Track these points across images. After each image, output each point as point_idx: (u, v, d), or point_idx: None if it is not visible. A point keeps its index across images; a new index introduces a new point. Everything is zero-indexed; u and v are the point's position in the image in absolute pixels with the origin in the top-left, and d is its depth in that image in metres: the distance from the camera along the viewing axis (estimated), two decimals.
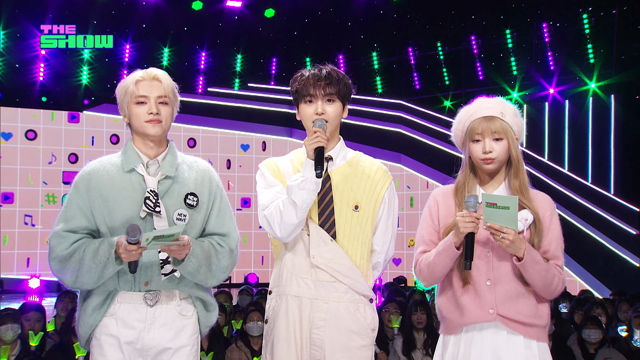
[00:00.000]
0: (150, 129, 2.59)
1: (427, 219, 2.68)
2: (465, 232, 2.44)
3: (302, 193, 2.52)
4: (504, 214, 2.38)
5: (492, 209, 2.39)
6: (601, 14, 13.16)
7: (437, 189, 2.77)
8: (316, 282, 2.62)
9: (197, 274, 2.57)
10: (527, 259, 2.45)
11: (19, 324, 4.86)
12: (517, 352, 2.52)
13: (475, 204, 2.47)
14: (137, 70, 2.70)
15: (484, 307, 2.54)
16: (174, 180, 2.63)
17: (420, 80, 15.98)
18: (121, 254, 2.43)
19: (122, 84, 2.66)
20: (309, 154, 2.54)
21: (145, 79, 2.62)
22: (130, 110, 2.62)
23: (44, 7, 13.72)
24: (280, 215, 2.56)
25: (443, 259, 2.54)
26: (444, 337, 2.68)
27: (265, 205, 2.64)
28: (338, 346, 2.60)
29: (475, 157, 2.60)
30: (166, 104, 2.63)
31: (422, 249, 2.66)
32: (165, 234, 2.38)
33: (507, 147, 2.57)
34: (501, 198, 2.40)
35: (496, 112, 2.58)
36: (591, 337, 5.46)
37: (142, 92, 2.60)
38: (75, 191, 2.60)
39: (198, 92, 15.17)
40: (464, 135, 2.64)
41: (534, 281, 2.50)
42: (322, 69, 2.67)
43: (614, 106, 12.67)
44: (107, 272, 2.49)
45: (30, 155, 13.56)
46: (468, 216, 2.44)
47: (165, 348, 2.59)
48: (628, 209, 12.09)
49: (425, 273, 2.61)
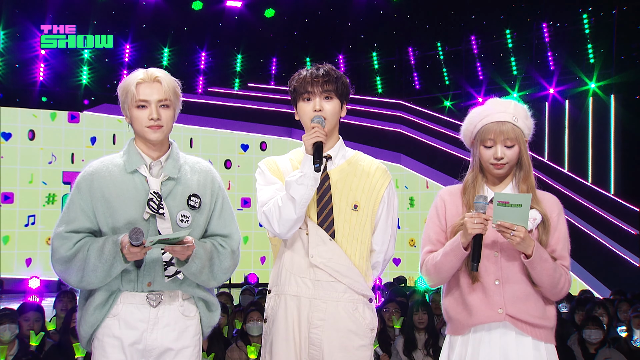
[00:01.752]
0: (151, 134, 2.58)
1: (434, 218, 2.67)
2: (474, 233, 2.43)
3: (300, 188, 2.52)
4: (516, 212, 2.38)
5: (503, 207, 2.39)
6: (601, 14, 13.16)
7: (444, 188, 2.76)
8: (315, 282, 2.62)
9: (200, 274, 2.57)
10: (535, 257, 2.44)
11: (16, 324, 4.87)
12: (525, 354, 2.52)
13: (484, 205, 2.46)
14: (138, 70, 2.67)
15: (493, 307, 2.53)
16: (176, 182, 2.62)
17: (420, 80, 15.99)
18: (125, 254, 2.44)
19: (123, 85, 2.63)
20: (307, 149, 2.55)
21: (146, 81, 2.59)
22: (131, 113, 2.60)
23: (44, 7, 13.72)
24: (279, 211, 2.56)
25: (450, 259, 2.53)
26: (451, 338, 2.66)
27: (264, 202, 2.65)
28: (336, 346, 2.60)
29: (485, 160, 2.58)
30: (167, 106, 2.60)
31: (429, 248, 2.65)
32: (170, 238, 2.39)
33: (518, 153, 2.57)
34: (514, 196, 2.40)
35: (509, 116, 2.56)
36: (592, 337, 5.46)
37: (142, 96, 2.57)
38: (77, 192, 2.59)
39: (198, 92, 15.17)
40: (474, 136, 2.62)
41: (541, 280, 2.49)
42: (319, 67, 2.69)
43: (614, 106, 12.67)
44: (115, 270, 2.49)
45: (30, 155, 13.56)
46: (477, 217, 2.43)
47: (168, 349, 2.58)
48: (628, 209, 12.09)
49: (432, 273, 2.60)
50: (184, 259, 2.52)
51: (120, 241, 2.45)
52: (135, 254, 2.42)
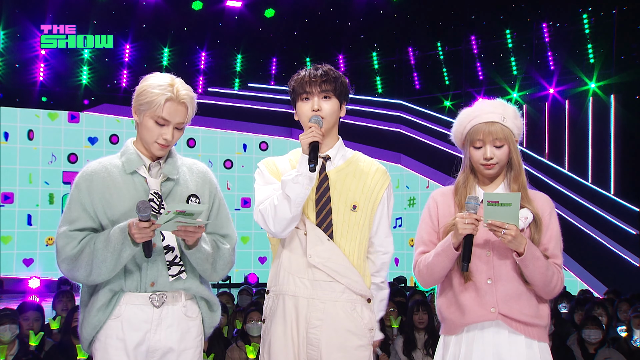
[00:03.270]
0: (157, 151, 2.58)
1: (427, 219, 2.69)
2: (465, 234, 2.44)
3: (296, 187, 2.52)
4: (506, 210, 2.39)
5: (493, 206, 2.40)
6: (601, 14, 13.16)
7: (436, 190, 2.78)
8: (313, 282, 2.62)
9: (205, 262, 2.56)
10: (527, 255, 2.45)
11: (17, 324, 4.87)
12: (518, 352, 2.52)
13: (475, 205, 2.47)
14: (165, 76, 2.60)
15: (486, 306, 2.54)
16: (175, 183, 2.62)
17: (420, 80, 15.98)
18: (134, 234, 2.39)
19: (148, 91, 2.54)
20: (303, 148, 2.55)
21: (174, 101, 2.55)
22: (146, 121, 2.55)
23: (44, 7, 13.72)
24: (275, 210, 2.57)
25: (442, 260, 2.54)
26: (445, 338, 2.67)
27: (261, 201, 2.65)
28: (335, 346, 2.60)
29: (475, 161, 2.60)
30: (181, 129, 2.61)
31: (422, 249, 2.66)
32: (187, 210, 2.33)
33: (507, 152, 2.59)
34: (503, 196, 2.41)
35: (497, 117, 2.58)
36: (591, 337, 5.46)
37: (166, 115, 2.53)
38: (77, 191, 2.57)
39: (198, 92, 15.16)
40: (464, 137, 2.64)
41: (533, 278, 2.50)
42: (318, 67, 2.70)
43: (614, 106, 12.66)
44: (124, 256, 2.44)
45: (30, 155, 13.56)
46: (468, 217, 2.44)
47: (170, 350, 2.57)
48: (628, 209, 12.09)
49: (424, 274, 2.62)
50: (193, 242, 2.51)
51: (128, 224, 2.42)
52: (144, 230, 2.37)
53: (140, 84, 2.61)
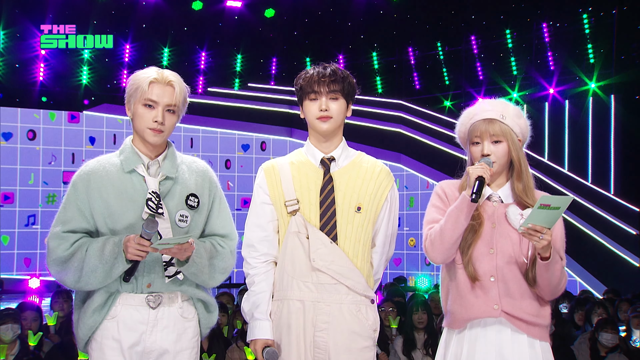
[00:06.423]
0: (151, 137, 2.56)
1: (437, 202, 2.67)
2: (476, 175, 2.44)
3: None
4: (550, 214, 2.33)
5: (543, 210, 2.32)
6: (601, 14, 13.16)
7: (442, 181, 2.78)
8: (318, 285, 2.60)
9: (201, 274, 2.56)
10: (553, 258, 2.43)
11: (19, 324, 4.86)
12: (521, 351, 2.52)
13: (489, 161, 2.51)
14: (151, 68, 2.63)
15: (489, 303, 2.54)
16: (174, 181, 2.60)
17: (420, 80, 15.98)
18: (129, 248, 2.39)
19: (134, 79, 2.58)
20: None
21: (159, 82, 2.56)
22: (136, 109, 2.56)
23: (44, 7, 13.72)
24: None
25: (454, 216, 2.49)
26: (447, 332, 2.67)
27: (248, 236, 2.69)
28: (342, 348, 2.59)
29: (475, 158, 2.61)
30: (173, 112, 2.58)
31: (432, 226, 2.62)
32: (171, 243, 2.37)
33: (506, 150, 2.58)
34: (557, 199, 2.32)
35: (496, 114, 2.59)
36: (608, 341, 5.44)
37: (152, 95, 2.53)
38: (74, 192, 2.56)
39: (198, 92, 15.15)
40: (466, 136, 2.66)
41: (549, 280, 2.48)
42: (326, 67, 2.69)
43: (614, 106, 12.66)
44: (115, 272, 2.45)
45: (30, 155, 13.56)
46: (480, 166, 2.47)
47: (166, 351, 2.57)
48: (628, 209, 12.09)
49: (436, 240, 2.55)
50: (184, 260, 2.51)
51: (125, 238, 2.42)
52: (143, 247, 2.37)
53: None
